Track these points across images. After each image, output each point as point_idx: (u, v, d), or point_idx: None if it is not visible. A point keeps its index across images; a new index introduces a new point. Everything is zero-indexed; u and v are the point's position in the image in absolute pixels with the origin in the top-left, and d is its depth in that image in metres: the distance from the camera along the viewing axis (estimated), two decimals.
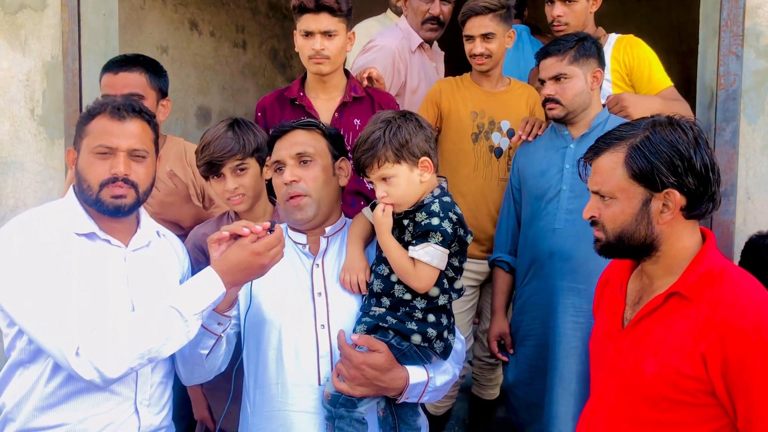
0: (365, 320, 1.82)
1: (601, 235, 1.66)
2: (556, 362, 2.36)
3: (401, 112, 1.87)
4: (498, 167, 2.83)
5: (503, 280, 2.67)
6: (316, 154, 1.89)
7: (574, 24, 2.78)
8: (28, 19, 3.31)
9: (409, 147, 1.78)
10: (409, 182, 1.80)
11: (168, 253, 1.96)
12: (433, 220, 1.77)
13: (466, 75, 2.93)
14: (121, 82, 2.43)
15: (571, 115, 2.42)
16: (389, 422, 1.83)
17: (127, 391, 1.77)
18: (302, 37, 2.47)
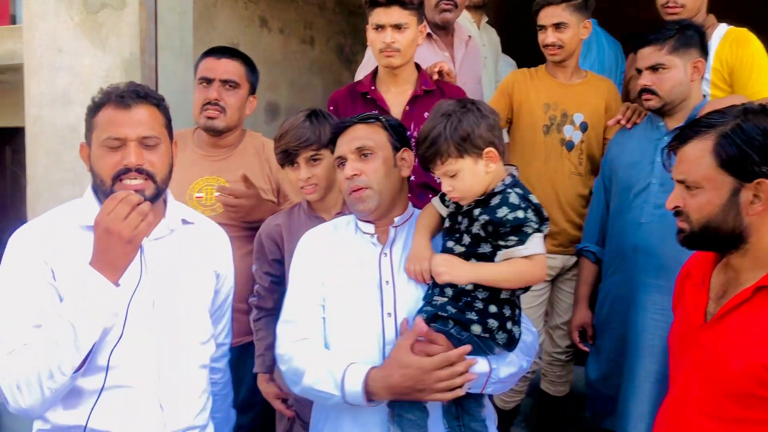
0: (426, 309, 1.81)
1: (686, 226, 1.61)
2: (633, 360, 2.32)
3: (461, 101, 1.82)
4: (569, 160, 2.78)
5: (588, 270, 2.63)
6: (375, 147, 1.91)
7: (691, 7, 2.63)
8: (108, 18, 3.43)
9: (471, 140, 1.74)
10: (475, 175, 1.77)
11: (195, 240, 1.87)
12: (518, 213, 1.73)
13: (541, 66, 2.89)
14: (222, 67, 2.53)
15: (668, 107, 2.34)
16: (453, 412, 1.81)
17: (150, 390, 1.72)
18: (373, 31, 2.48)
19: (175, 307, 1.78)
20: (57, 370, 1.56)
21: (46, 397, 1.58)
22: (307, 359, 1.82)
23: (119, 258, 1.57)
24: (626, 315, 2.40)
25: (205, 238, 1.92)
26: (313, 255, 1.96)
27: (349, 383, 1.75)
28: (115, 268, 1.57)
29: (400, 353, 1.74)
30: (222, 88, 2.53)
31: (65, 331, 1.54)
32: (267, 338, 2.31)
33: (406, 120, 2.51)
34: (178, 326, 1.78)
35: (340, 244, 1.96)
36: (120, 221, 1.53)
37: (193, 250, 1.85)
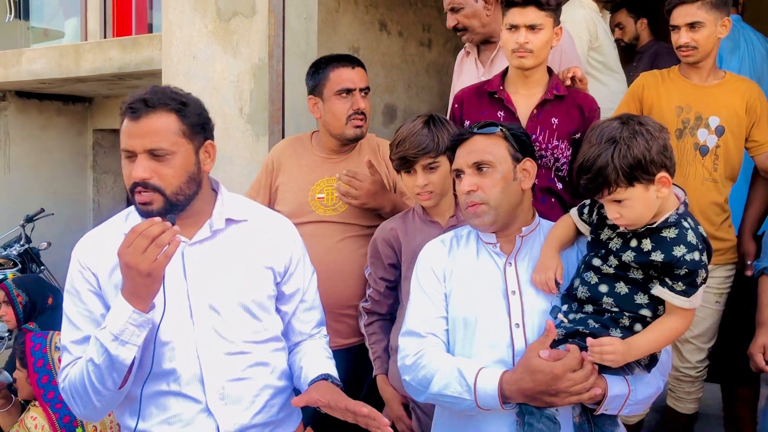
0: (564, 324, 1.76)
1: None
2: None
3: (627, 122, 1.67)
4: (703, 166, 2.63)
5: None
6: (494, 162, 1.84)
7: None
8: (239, 25, 3.59)
9: (643, 167, 1.61)
10: (646, 202, 1.65)
11: (244, 238, 1.83)
12: (694, 255, 1.62)
13: (674, 68, 2.74)
14: (359, 75, 2.60)
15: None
16: (585, 429, 1.75)
17: (196, 392, 1.72)
18: (507, 31, 2.45)
19: (218, 309, 1.76)
20: (101, 386, 1.64)
21: (98, 407, 1.68)
22: (435, 366, 1.81)
23: (141, 289, 1.58)
24: None
25: (258, 234, 1.86)
26: (435, 266, 1.94)
27: (482, 386, 1.72)
28: (139, 298, 1.59)
29: (532, 358, 1.70)
30: (363, 97, 2.60)
31: (101, 354, 1.61)
32: (383, 341, 2.33)
33: (532, 124, 2.46)
34: (223, 328, 1.76)
35: (461, 254, 1.95)
36: (138, 255, 1.54)
37: (240, 248, 1.80)
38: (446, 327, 1.90)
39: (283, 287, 1.91)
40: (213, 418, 1.73)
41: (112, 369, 1.61)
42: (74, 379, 1.67)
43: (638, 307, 1.71)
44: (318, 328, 2.03)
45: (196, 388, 1.73)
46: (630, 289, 1.71)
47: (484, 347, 1.82)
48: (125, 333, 1.59)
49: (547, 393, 1.67)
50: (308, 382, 1.81)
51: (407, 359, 1.88)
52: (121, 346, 1.59)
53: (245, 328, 1.80)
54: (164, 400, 1.73)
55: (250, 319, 1.81)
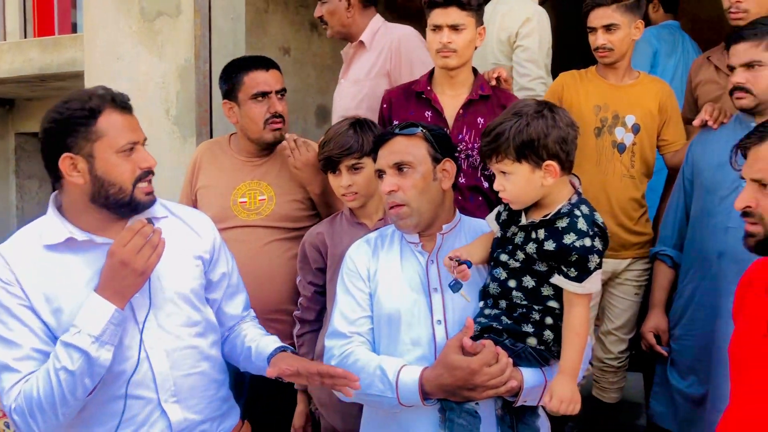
0: (479, 320, 1.80)
1: (758, 230, 1.55)
2: (717, 372, 2.25)
3: (542, 104, 1.75)
4: (621, 163, 2.73)
5: (665, 275, 2.57)
6: (414, 162, 1.87)
7: (756, 11, 2.53)
8: (164, 26, 3.52)
9: (534, 147, 1.69)
10: (529, 182, 1.72)
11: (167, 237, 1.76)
12: (585, 241, 1.68)
13: (592, 68, 2.84)
14: (274, 77, 2.56)
15: (762, 106, 2.26)
16: (507, 421, 1.80)
17: (147, 393, 1.72)
18: (431, 32, 2.48)
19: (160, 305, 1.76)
20: (71, 396, 1.60)
21: (61, 421, 1.63)
22: (359, 366, 1.83)
23: (129, 288, 1.63)
24: (709, 323, 2.33)
25: (181, 228, 1.88)
26: (360, 266, 1.96)
27: (403, 383, 1.76)
28: (123, 297, 1.62)
29: (450, 354, 1.74)
30: (279, 99, 2.56)
31: (78, 359, 1.57)
32: (309, 354, 2.33)
33: (459, 123, 2.50)
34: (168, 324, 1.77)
35: (386, 253, 1.97)
36: (135, 254, 1.59)
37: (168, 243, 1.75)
38: (371, 326, 1.93)
39: (211, 275, 1.93)
40: (165, 416, 1.73)
41: (86, 374, 1.59)
42: (34, 395, 1.59)
43: (545, 299, 1.76)
44: (246, 311, 2.06)
45: (148, 388, 1.72)
46: (536, 282, 1.76)
47: (407, 345, 1.86)
48: (106, 333, 1.59)
49: (466, 388, 1.71)
50: (266, 357, 1.84)
51: (333, 360, 1.89)
52: (102, 348, 1.59)
53: (189, 321, 1.81)
54: (114, 405, 1.69)
55: (191, 312, 1.82)
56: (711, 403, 2.29)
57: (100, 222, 1.73)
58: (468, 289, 1.87)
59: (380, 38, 2.94)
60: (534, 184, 1.72)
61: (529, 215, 1.80)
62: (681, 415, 2.50)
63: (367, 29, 2.96)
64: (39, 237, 1.72)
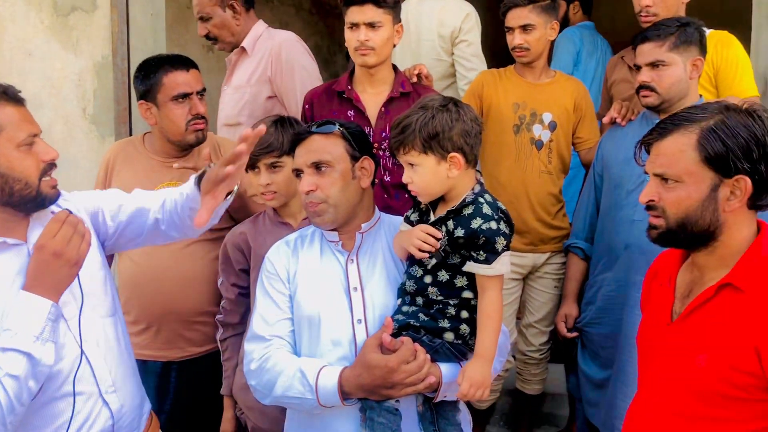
0: (396, 318, 1.82)
1: (661, 222, 1.60)
2: (621, 357, 2.34)
3: (448, 99, 1.80)
4: (539, 159, 2.81)
5: (577, 266, 2.66)
6: (332, 161, 1.87)
7: (664, 14, 2.63)
8: (79, 21, 3.40)
9: (439, 139, 1.73)
10: (435, 174, 1.76)
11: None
12: (491, 224, 1.73)
13: (510, 67, 2.91)
14: (194, 78, 2.48)
15: (665, 104, 2.35)
16: (428, 417, 1.82)
17: (89, 387, 1.69)
18: (348, 30, 2.49)
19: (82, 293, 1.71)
20: (18, 403, 1.53)
21: (9, 430, 1.55)
22: (279, 369, 1.82)
23: (63, 280, 1.57)
24: (616, 312, 2.42)
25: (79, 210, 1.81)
26: (279, 267, 1.95)
27: (323, 384, 1.76)
28: (57, 291, 1.57)
29: (368, 354, 1.75)
30: (200, 99, 2.49)
31: (20, 362, 1.51)
32: (233, 359, 2.30)
33: (381, 121, 2.51)
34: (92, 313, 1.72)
35: (306, 253, 1.96)
36: (66, 244, 1.54)
37: None
38: (291, 328, 1.91)
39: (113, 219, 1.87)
40: (108, 407, 1.71)
41: (31, 377, 1.52)
42: None
43: (460, 290, 1.79)
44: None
45: (89, 382, 1.68)
46: (450, 274, 1.79)
47: (328, 345, 1.85)
48: (46, 330, 1.54)
49: (384, 386, 1.72)
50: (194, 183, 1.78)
51: (252, 364, 1.88)
52: (43, 346, 1.53)
53: (108, 309, 1.79)
54: (55, 406, 1.63)
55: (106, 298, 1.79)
56: (613, 387, 2.38)
57: (5, 222, 1.66)
58: (387, 286, 1.89)
59: (261, 44, 2.94)
60: (440, 175, 1.76)
61: (437, 213, 1.83)
62: (585, 397, 2.60)
63: (249, 35, 2.96)
64: None
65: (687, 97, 2.35)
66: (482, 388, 1.72)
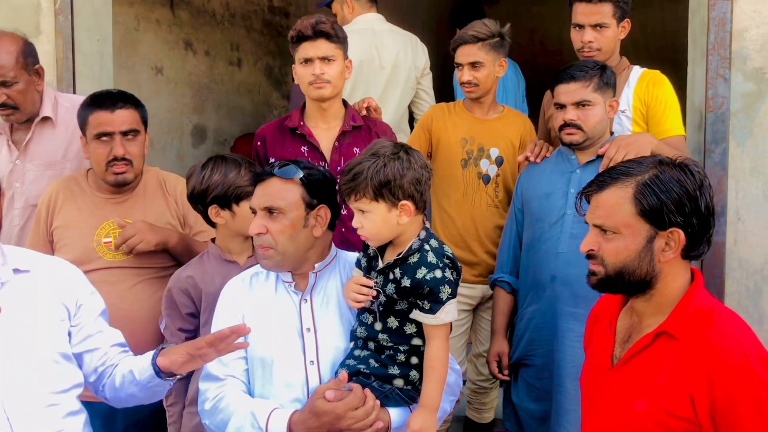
0: (348, 363, 1.84)
1: (600, 269, 1.66)
2: (559, 387, 2.38)
3: (399, 146, 1.82)
4: (486, 193, 2.85)
5: (504, 300, 2.66)
6: (284, 208, 1.86)
7: (606, 50, 2.70)
8: None
9: (390, 187, 1.75)
10: (385, 221, 1.78)
11: (29, 292, 1.74)
12: (436, 273, 1.75)
13: (459, 101, 2.95)
14: (120, 119, 2.39)
15: (588, 142, 2.42)
16: None
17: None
18: (301, 66, 2.50)
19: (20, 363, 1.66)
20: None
21: None
22: (231, 410, 1.82)
23: None
24: (547, 343, 2.46)
25: (44, 283, 1.78)
26: (234, 305, 1.94)
27: (273, 428, 1.77)
28: None
29: (316, 401, 1.77)
30: (123, 139, 2.40)
31: None
32: (178, 404, 2.25)
33: (336, 156, 2.53)
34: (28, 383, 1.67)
35: (259, 292, 1.96)
36: None
37: (30, 299, 1.72)
38: (245, 367, 1.91)
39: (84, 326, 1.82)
40: None
41: None
42: None
43: (409, 337, 1.82)
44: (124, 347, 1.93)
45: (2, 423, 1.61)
46: (399, 321, 1.82)
47: (281, 387, 1.86)
48: None
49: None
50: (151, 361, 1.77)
51: (206, 404, 1.87)
52: None
53: (51, 378, 1.70)
54: None
55: (54, 369, 1.72)
56: (554, 418, 2.42)
57: None
58: (341, 327, 1.90)
59: (65, 113, 2.70)
60: (390, 222, 1.79)
61: (385, 258, 1.85)
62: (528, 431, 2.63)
63: (45, 102, 2.70)
64: None
65: (605, 135, 2.45)
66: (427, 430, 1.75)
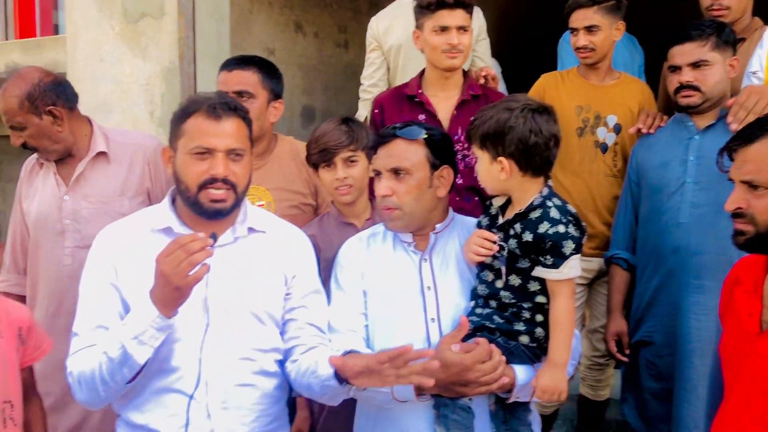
0: (472, 319, 1.82)
1: (749, 228, 1.56)
2: (682, 364, 2.29)
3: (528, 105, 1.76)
4: (604, 162, 2.76)
5: (621, 278, 2.59)
6: (411, 168, 1.87)
7: (736, 8, 2.58)
8: (148, 27, 3.51)
9: (492, 140, 1.75)
10: (488, 172, 1.80)
11: (264, 248, 1.87)
12: (559, 228, 1.72)
13: (573, 69, 2.87)
14: (234, 79, 2.49)
15: (707, 104, 2.33)
16: (500, 416, 1.83)
17: (199, 394, 1.74)
18: (435, 33, 2.50)
19: (232, 314, 1.79)
20: (110, 378, 1.67)
21: (102, 396, 1.71)
22: None
23: (167, 299, 1.62)
24: (670, 319, 2.37)
25: (276, 245, 1.90)
26: (353, 264, 1.97)
27: None
28: (164, 306, 1.62)
29: (443, 351, 1.76)
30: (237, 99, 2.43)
31: (118, 349, 1.64)
32: None
33: (453, 125, 2.53)
34: (233, 334, 1.78)
35: (378, 252, 1.98)
36: (173, 267, 1.57)
37: (258, 258, 1.85)
38: (365, 323, 1.93)
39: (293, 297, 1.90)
40: (210, 421, 1.74)
41: (124, 365, 1.64)
42: (84, 367, 1.69)
43: (533, 295, 1.79)
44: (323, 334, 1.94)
45: (200, 391, 1.74)
46: (522, 279, 1.79)
47: (401, 343, 1.84)
48: (145, 334, 1.63)
49: (459, 383, 1.73)
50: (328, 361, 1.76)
51: None
52: (139, 346, 1.63)
53: (254, 335, 1.82)
54: (165, 397, 1.74)
55: (259, 327, 1.83)
56: (678, 396, 2.32)
57: (195, 218, 1.81)
58: (461, 286, 1.89)
59: (119, 149, 2.54)
60: (492, 174, 1.80)
61: (506, 215, 1.84)
62: (650, 412, 2.53)
63: (95, 138, 2.53)
64: (147, 221, 1.84)
65: (725, 97, 2.33)
66: (556, 393, 1.74)
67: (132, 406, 1.77)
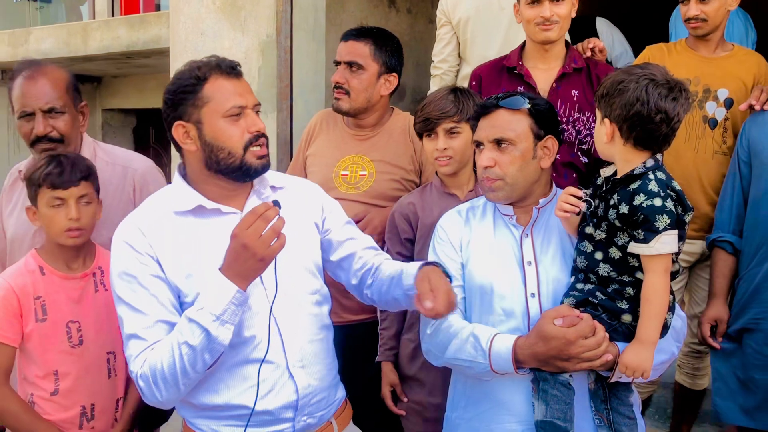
0: (573, 294, 1.78)
1: None
2: None
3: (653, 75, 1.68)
4: (713, 139, 2.62)
5: (725, 262, 2.46)
6: (514, 139, 1.84)
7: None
8: (247, 1, 3.58)
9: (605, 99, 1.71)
10: (598, 131, 1.77)
11: (289, 206, 1.79)
12: (655, 200, 1.64)
13: (681, 40, 2.73)
14: (346, 49, 2.53)
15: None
16: (600, 395, 1.78)
17: (277, 357, 1.73)
18: (528, 6, 2.44)
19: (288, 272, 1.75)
20: (192, 369, 1.61)
21: (182, 390, 1.66)
22: (452, 332, 1.84)
23: (250, 271, 1.60)
24: None
25: (297, 197, 1.89)
26: (452, 236, 1.96)
27: (496, 350, 1.76)
28: (244, 279, 1.60)
29: (546, 324, 1.73)
30: (347, 70, 2.53)
31: (199, 335, 1.59)
32: (391, 328, 2.34)
33: (552, 98, 2.46)
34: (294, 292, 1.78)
35: (478, 224, 1.96)
36: (257, 239, 1.55)
37: (290, 213, 1.76)
38: (463, 295, 1.93)
39: (334, 235, 1.93)
40: (293, 380, 1.74)
41: (206, 350, 1.60)
42: (157, 364, 1.62)
43: (633, 269, 1.72)
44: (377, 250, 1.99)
45: (277, 353, 1.73)
46: (622, 252, 1.73)
47: (500, 315, 1.85)
48: (227, 313, 1.59)
49: (560, 358, 1.70)
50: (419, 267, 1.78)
51: (428, 328, 1.91)
52: (222, 327, 1.59)
53: (311, 290, 1.83)
54: (243, 370, 1.72)
55: (313, 281, 1.84)
56: None
57: (222, 190, 1.76)
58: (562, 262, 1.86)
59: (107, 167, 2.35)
60: (598, 135, 1.77)
61: None
62: (751, 403, 2.40)
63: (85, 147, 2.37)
64: (169, 204, 1.76)
65: None
66: (639, 371, 1.68)
67: (204, 390, 1.72)
